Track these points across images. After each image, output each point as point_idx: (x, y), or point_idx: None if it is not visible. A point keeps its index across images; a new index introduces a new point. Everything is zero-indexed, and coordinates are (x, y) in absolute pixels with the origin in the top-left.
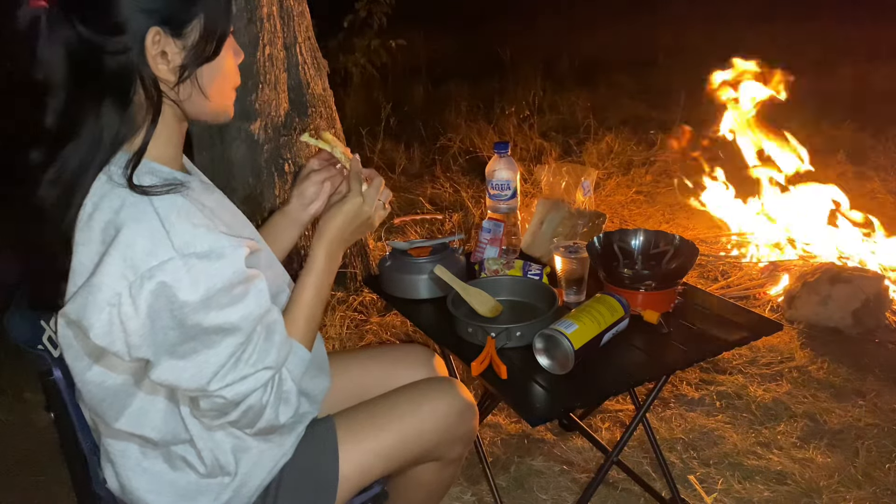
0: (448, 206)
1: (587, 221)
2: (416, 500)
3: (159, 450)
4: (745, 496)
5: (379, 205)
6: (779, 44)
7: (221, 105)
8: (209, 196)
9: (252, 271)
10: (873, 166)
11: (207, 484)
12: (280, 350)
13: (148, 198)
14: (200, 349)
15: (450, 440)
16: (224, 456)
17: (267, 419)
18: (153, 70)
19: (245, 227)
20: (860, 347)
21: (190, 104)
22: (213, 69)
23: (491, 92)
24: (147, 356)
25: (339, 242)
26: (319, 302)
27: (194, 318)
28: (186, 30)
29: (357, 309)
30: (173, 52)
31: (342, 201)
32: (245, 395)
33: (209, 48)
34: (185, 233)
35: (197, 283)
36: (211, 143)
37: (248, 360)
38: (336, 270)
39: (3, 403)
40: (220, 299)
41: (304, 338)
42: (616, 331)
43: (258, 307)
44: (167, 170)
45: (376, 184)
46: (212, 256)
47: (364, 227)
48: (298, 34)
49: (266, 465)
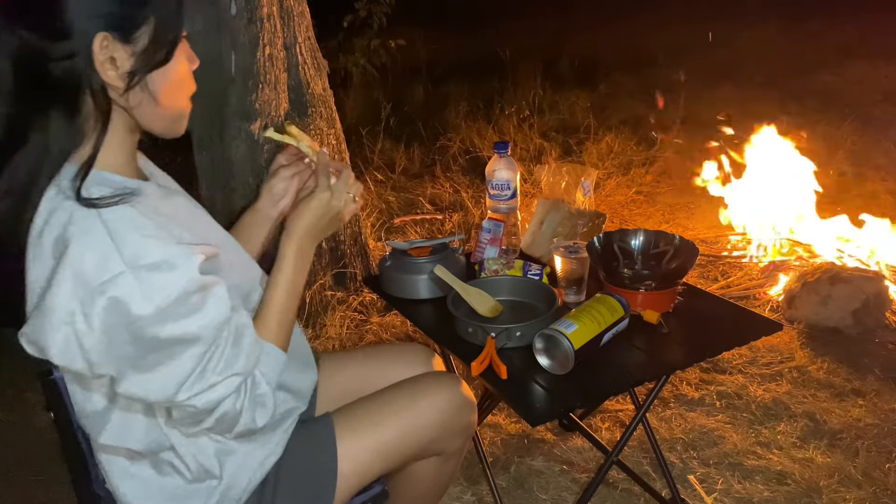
0: (448, 206)
1: (587, 221)
2: (416, 495)
3: (146, 458)
4: (745, 496)
5: (349, 198)
6: (778, 43)
7: (174, 113)
8: (167, 201)
9: (208, 278)
10: (873, 166)
11: (195, 489)
12: (249, 355)
13: (96, 210)
14: (164, 361)
15: (449, 434)
16: (208, 460)
17: (244, 424)
18: (101, 76)
19: (209, 229)
20: (860, 347)
21: (141, 111)
22: (164, 75)
23: (491, 92)
24: (110, 372)
25: (308, 239)
26: (292, 301)
27: (151, 331)
28: (136, 35)
29: (357, 309)
30: (122, 58)
31: (310, 197)
32: (216, 402)
33: (160, 54)
34: (135, 245)
35: (150, 296)
36: (211, 143)
37: (215, 369)
38: (308, 267)
39: (4, 403)
40: (176, 310)
41: (277, 338)
42: (616, 331)
43: (218, 315)
44: (119, 178)
45: (345, 177)
46: (163, 267)
47: (334, 221)
48: (298, 34)
49: (252, 465)
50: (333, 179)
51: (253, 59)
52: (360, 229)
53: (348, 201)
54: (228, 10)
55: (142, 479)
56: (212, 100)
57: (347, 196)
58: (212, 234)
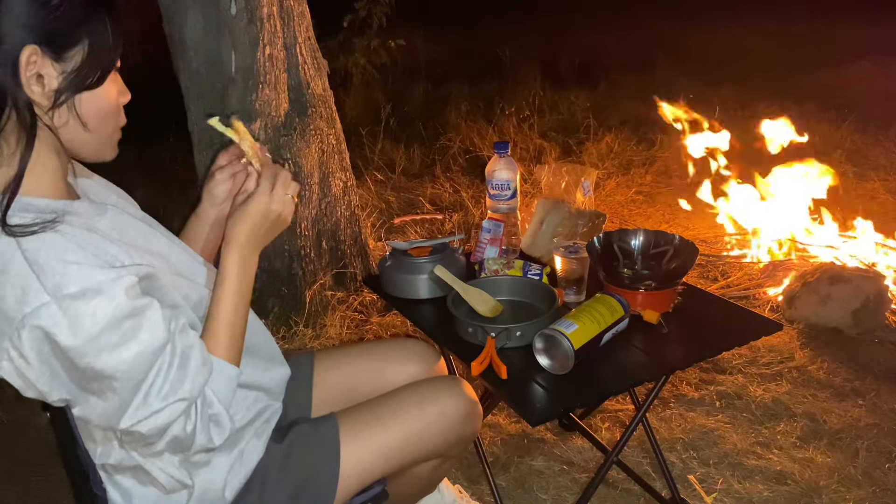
0: (448, 206)
1: (587, 221)
2: (409, 492)
3: (126, 471)
4: (745, 496)
5: (287, 200)
6: (778, 43)
7: (102, 139)
8: (102, 217)
9: (140, 302)
10: (873, 166)
11: (173, 497)
12: (196, 378)
13: (15, 240)
14: (104, 390)
15: (453, 441)
16: (177, 472)
17: (199, 444)
18: (26, 91)
19: (149, 239)
20: (860, 347)
21: (67, 132)
22: (93, 100)
23: (491, 92)
24: (65, 397)
25: (250, 247)
26: (240, 312)
27: (83, 361)
28: (68, 53)
29: (357, 309)
30: (50, 75)
31: (247, 202)
32: (163, 427)
33: (91, 77)
34: (56, 274)
35: (76, 326)
36: (211, 143)
37: (159, 394)
38: (252, 274)
39: (4, 403)
40: (107, 339)
41: (229, 353)
42: (616, 331)
43: (154, 340)
44: (43, 202)
45: (282, 178)
46: (88, 295)
47: (276, 225)
48: (298, 34)
49: (223, 467)
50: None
51: (253, 59)
52: (360, 229)
53: (287, 203)
54: (228, 10)
55: (125, 487)
56: (212, 100)
57: (286, 198)
58: (152, 243)
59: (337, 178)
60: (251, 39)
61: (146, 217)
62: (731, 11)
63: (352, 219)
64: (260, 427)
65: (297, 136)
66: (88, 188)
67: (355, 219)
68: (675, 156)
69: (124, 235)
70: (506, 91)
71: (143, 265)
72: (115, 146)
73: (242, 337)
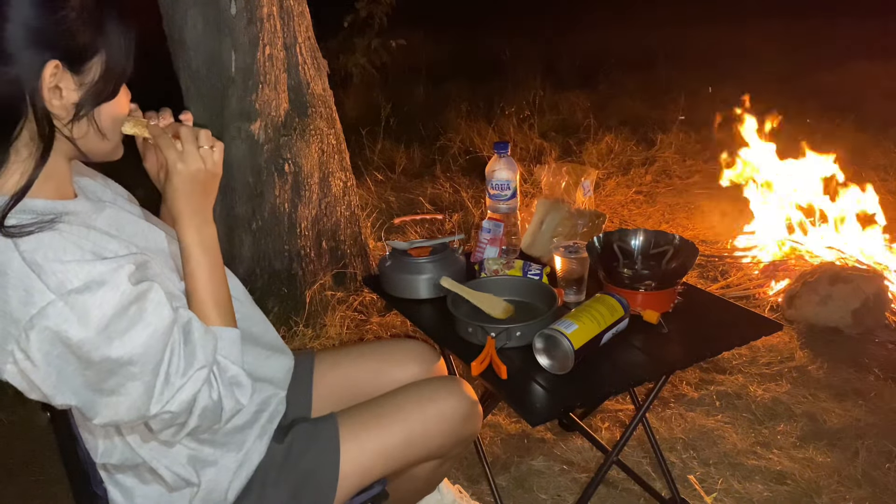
0: (448, 206)
1: (587, 221)
2: (409, 492)
3: (128, 470)
4: (745, 496)
5: (205, 151)
6: (778, 43)
7: (115, 143)
8: (100, 214)
9: (141, 287)
10: (873, 166)
11: (176, 496)
12: (204, 345)
13: (13, 242)
14: (124, 382)
15: (454, 442)
16: (183, 469)
17: (229, 409)
18: (46, 104)
19: (148, 235)
20: (860, 347)
21: (86, 142)
22: (110, 108)
23: (491, 92)
24: (71, 402)
25: (194, 213)
26: (217, 279)
27: (99, 353)
28: (86, 66)
29: (357, 309)
30: (69, 89)
31: (168, 178)
32: (191, 400)
33: (108, 87)
34: (58, 272)
35: (86, 318)
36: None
37: (178, 371)
38: (214, 235)
39: (5, 403)
40: (117, 326)
41: (223, 319)
42: (616, 331)
43: (161, 320)
44: (41, 202)
45: (186, 135)
46: (92, 287)
47: (208, 179)
48: (298, 34)
49: (229, 468)
50: (179, 145)
51: (253, 59)
52: (360, 229)
53: (205, 154)
54: (228, 10)
55: (126, 487)
56: (212, 100)
57: (201, 150)
58: (150, 239)
59: (337, 178)
60: (251, 39)
61: (145, 213)
62: (731, 11)
63: (352, 219)
64: (264, 426)
65: (297, 136)
66: (86, 186)
67: (355, 219)
68: (675, 156)
69: (122, 231)
70: (506, 91)
71: (138, 254)
72: (122, 146)
73: (229, 300)
